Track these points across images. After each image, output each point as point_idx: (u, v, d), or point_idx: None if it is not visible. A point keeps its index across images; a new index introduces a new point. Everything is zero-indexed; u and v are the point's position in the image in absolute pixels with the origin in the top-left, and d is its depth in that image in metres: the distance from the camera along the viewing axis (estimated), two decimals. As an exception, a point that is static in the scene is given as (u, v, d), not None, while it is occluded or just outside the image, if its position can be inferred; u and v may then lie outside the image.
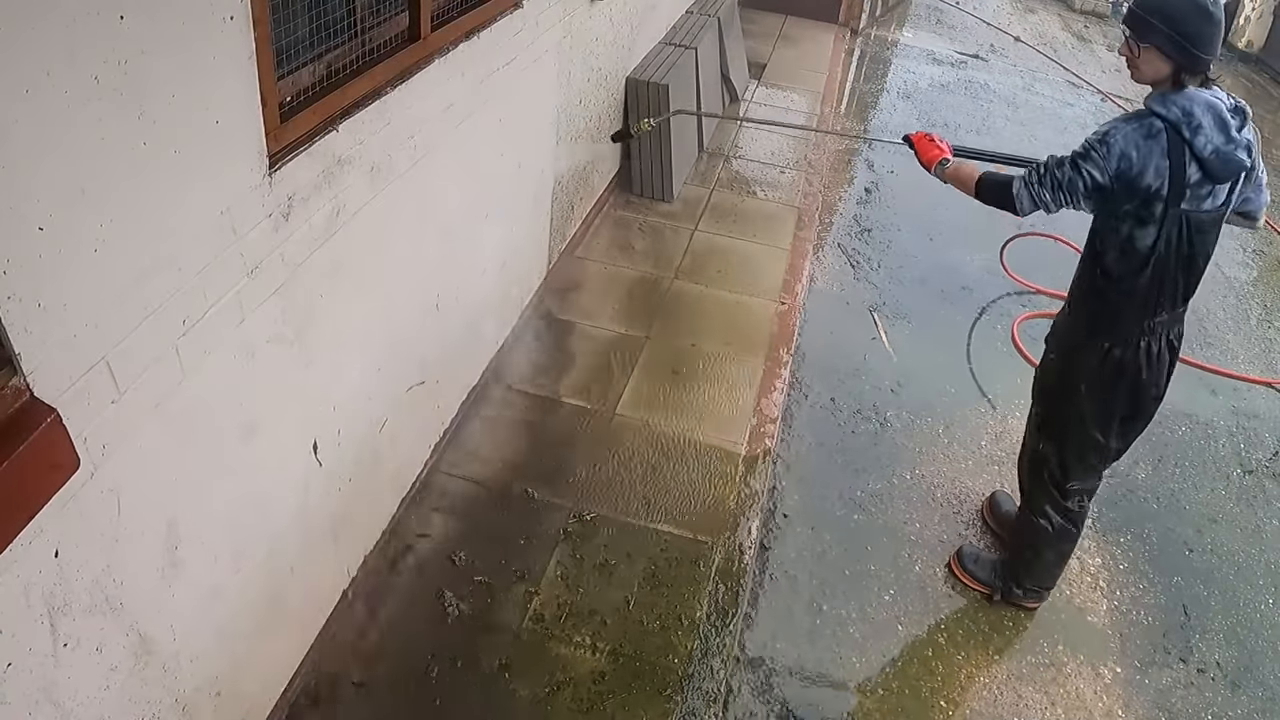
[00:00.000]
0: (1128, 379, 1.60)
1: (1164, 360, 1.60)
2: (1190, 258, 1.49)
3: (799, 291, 2.94)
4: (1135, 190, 1.43)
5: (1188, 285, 1.53)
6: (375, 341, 1.57)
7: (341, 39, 1.32)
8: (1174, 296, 1.54)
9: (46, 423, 0.84)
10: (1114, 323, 1.58)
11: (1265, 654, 2.01)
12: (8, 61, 0.72)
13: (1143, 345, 1.57)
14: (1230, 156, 1.39)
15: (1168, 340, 1.59)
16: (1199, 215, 1.45)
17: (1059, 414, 1.73)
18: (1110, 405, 1.64)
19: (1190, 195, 1.42)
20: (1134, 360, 1.58)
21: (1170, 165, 1.39)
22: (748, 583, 1.92)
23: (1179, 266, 1.50)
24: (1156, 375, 1.61)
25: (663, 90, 3.13)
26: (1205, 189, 1.43)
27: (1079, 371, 1.64)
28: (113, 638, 1.01)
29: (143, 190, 0.92)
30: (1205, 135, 1.38)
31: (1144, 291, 1.52)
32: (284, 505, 1.37)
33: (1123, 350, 1.58)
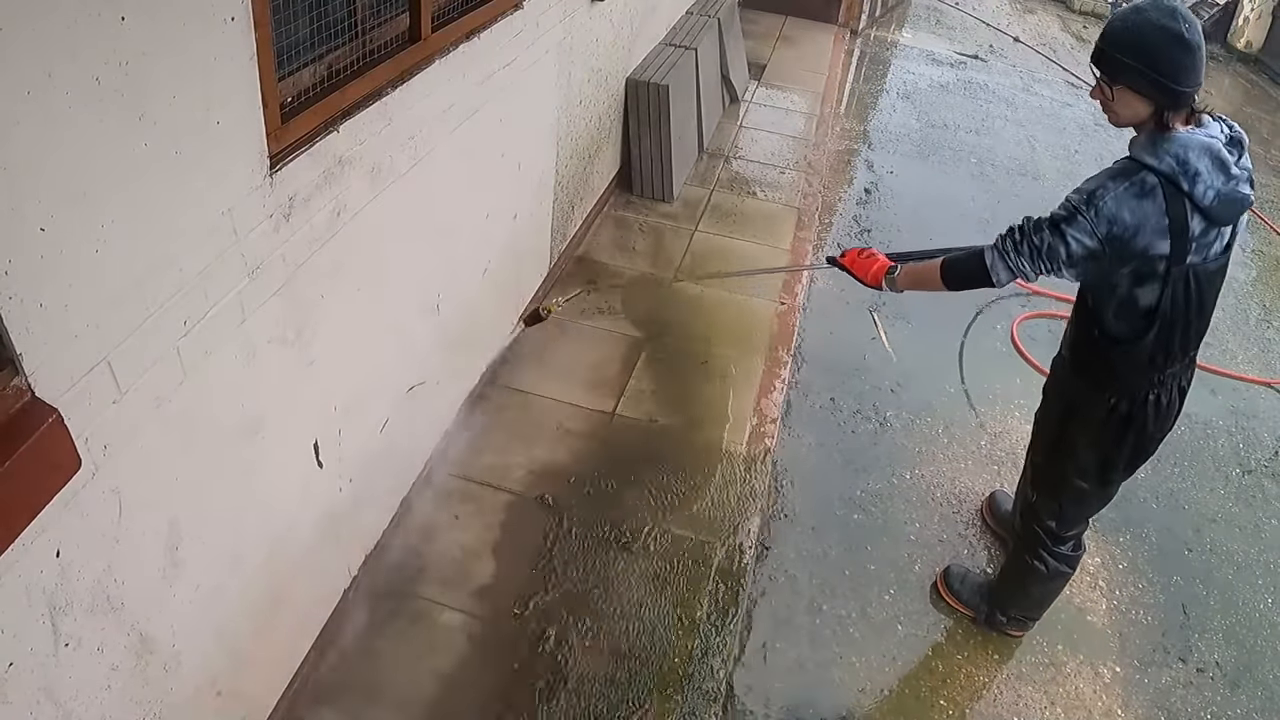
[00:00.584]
0: (1134, 432, 1.49)
1: (1173, 409, 1.49)
2: (1200, 308, 1.36)
3: (799, 292, 2.94)
4: (1131, 254, 1.28)
5: (1199, 333, 1.41)
6: (376, 342, 1.58)
7: (342, 40, 1.32)
8: (1185, 347, 1.41)
9: (48, 423, 0.84)
10: (1119, 379, 1.46)
11: (1264, 654, 2.02)
12: (9, 62, 0.73)
13: (1151, 398, 1.45)
14: (1233, 196, 1.26)
15: (1178, 388, 1.47)
16: (1206, 265, 1.31)
17: (1058, 468, 1.60)
18: (1114, 459, 1.53)
19: (1196, 248, 1.28)
20: (1141, 413, 1.46)
21: (1170, 222, 1.25)
22: (748, 582, 1.93)
23: (1187, 321, 1.36)
24: (1164, 423, 1.50)
25: (663, 91, 3.14)
26: (1210, 235, 1.29)
27: (1080, 424, 1.53)
28: (114, 637, 1.01)
29: (144, 191, 0.92)
30: (1204, 182, 1.23)
31: (1150, 350, 1.38)
32: (285, 505, 1.37)
33: (1130, 405, 1.46)
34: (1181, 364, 1.45)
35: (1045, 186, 4.33)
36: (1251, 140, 3.70)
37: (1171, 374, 1.44)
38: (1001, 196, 4.14)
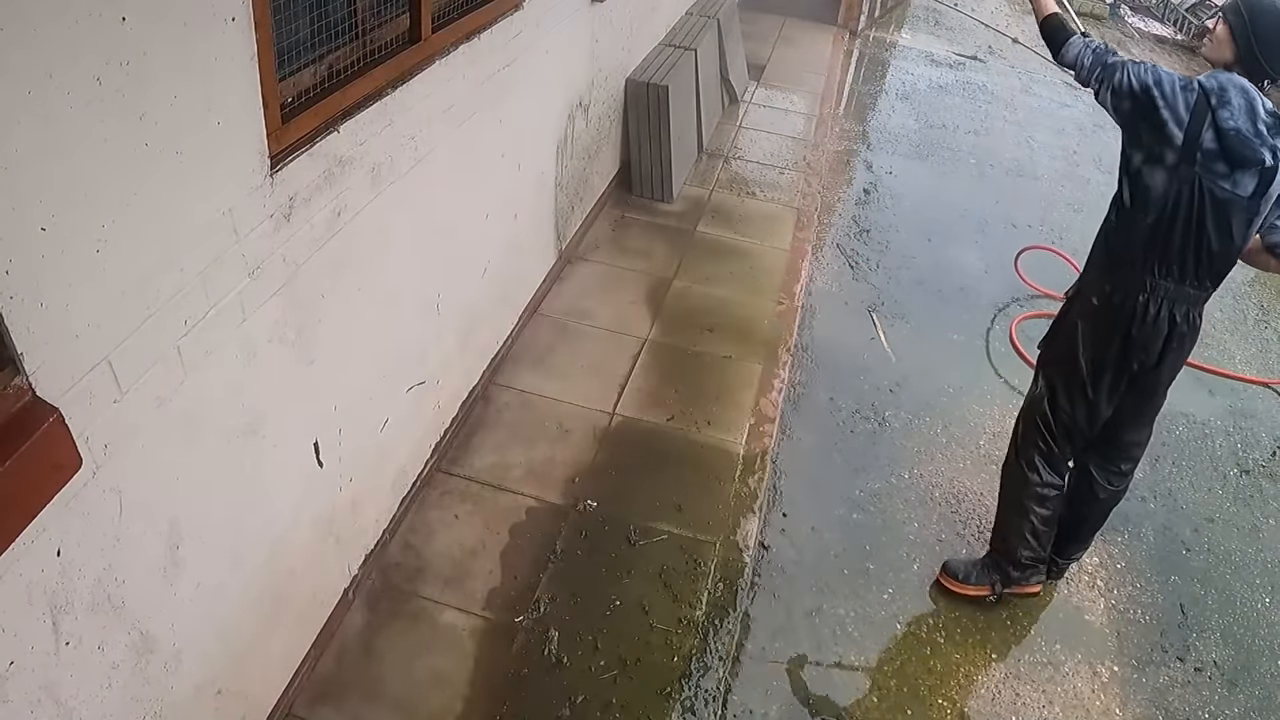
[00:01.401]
0: (1120, 328, 1.64)
1: (1160, 328, 1.61)
2: (1199, 227, 1.52)
3: (798, 292, 2.95)
4: (1153, 120, 1.50)
5: (1196, 260, 1.55)
6: (376, 341, 1.58)
7: (343, 40, 1.33)
8: (1181, 264, 1.56)
9: (49, 422, 0.84)
10: (1118, 266, 1.63)
11: (1262, 653, 2.02)
12: (10, 62, 0.73)
13: (1141, 300, 1.60)
14: (1249, 142, 1.44)
15: (1170, 312, 1.60)
16: (1214, 189, 1.49)
17: (1057, 350, 1.77)
18: (1102, 351, 1.67)
19: (1204, 162, 1.47)
20: (1130, 311, 1.62)
21: (1190, 121, 1.47)
22: (747, 582, 1.93)
23: (1186, 232, 1.53)
24: (1149, 339, 1.63)
25: (662, 91, 3.14)
26: (1221, 167, 1.47)
27: (1081, 308, 1.71)
28: (114, 636, 1.01)
29: (144, 191, 0.93)
30: (1230, 111, 1.45)
31: (1146, 239, 1.57)
32: (285, 505, 1.37)
33: (1122, 298, 1.62)
34: (1175, 283, 1.59)
35: (1044, 187, 4.34)
36: None
37: (1164, 288, 1.59)
38: (1000, 197, 4.14)
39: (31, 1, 0.74)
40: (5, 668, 0.86)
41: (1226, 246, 1.54)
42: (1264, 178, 1.48)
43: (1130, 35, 8.35)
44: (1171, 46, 8.20)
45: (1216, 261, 1.57)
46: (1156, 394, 1.75)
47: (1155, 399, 1.77)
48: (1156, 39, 8.40)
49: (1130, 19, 8.93)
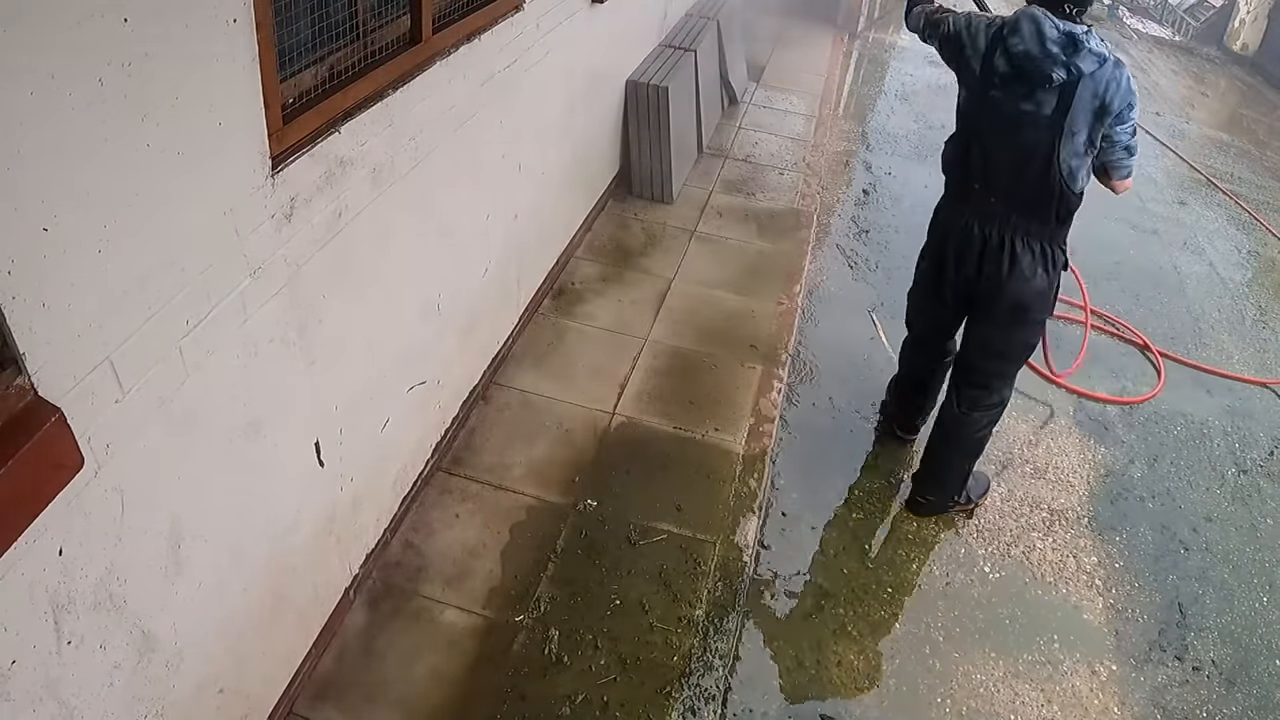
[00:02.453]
0: (936, 235, 1.97)
1: (971, 243, 1.84)
2: (1006, 146, 1.73)
3: (798, 292, 2.95)
4: (960, 59, 1.78)
5: (1004, 183, 1.76)
6: (377, 342, 1.58)
7: (343, 41, 1.33)
8: (980, 178, 1.80)
9: (51, 422, 0.84)
10: (947, 186, 1.95)
11: (1260, 652, 2.03)
12: (12, 63, 0.73)
13: (956, 212, 1.89)
14: (1037, 61, 1.63)
15: (981, 229, 1.82)
16: (1014, 110, 1.70)
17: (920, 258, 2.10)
18: (939, 258, 1.96)
19: (1002, 85, 1.70)
20: (946, 221, 1.92)
21: (985, 51, 1.72)
22: (747, 581, 1.93)
23: (981, 150, 1.78)
24: (959, 250, 1.87)
25: (663, 92, 3.15)
26: (1020, 88, 1.68)
27: (931, 221, 2.03)
28: (116, 635, 1.01)
29: (146, 192, 0.93)
30: (1020, 38, 1.65)
31: (955, 158, 1.86)
32: (286, 504, 1.37)
33: (946, 213, 1.94)
34: (982, 202, 1.81)
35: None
36: (1247, 142, 3.79)
37: (972, 204, 1.84)
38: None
39: (33, 3, 0.74)
40: (7, 666, 0.86)
41: (1039, 167, 1.70)
42: (1064, 96, 1.63)
43: (1129, 36, 8.36)
44: (1170, 47, 8.22)
45: (1030, 182, 1.72)
46: (996, 323, 1.90)
47: (996, 328, 1.91)
48: (1155, 40, 8.41)
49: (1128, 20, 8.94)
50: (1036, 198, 1.72)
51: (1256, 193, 4.84)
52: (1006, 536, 2.24)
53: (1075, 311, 3.14)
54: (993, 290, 1.84)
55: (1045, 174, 1.69)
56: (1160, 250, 3.91)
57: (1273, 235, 4.27)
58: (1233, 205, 4.54)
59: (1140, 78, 6.99)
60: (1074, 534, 2.28)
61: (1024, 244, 1.78)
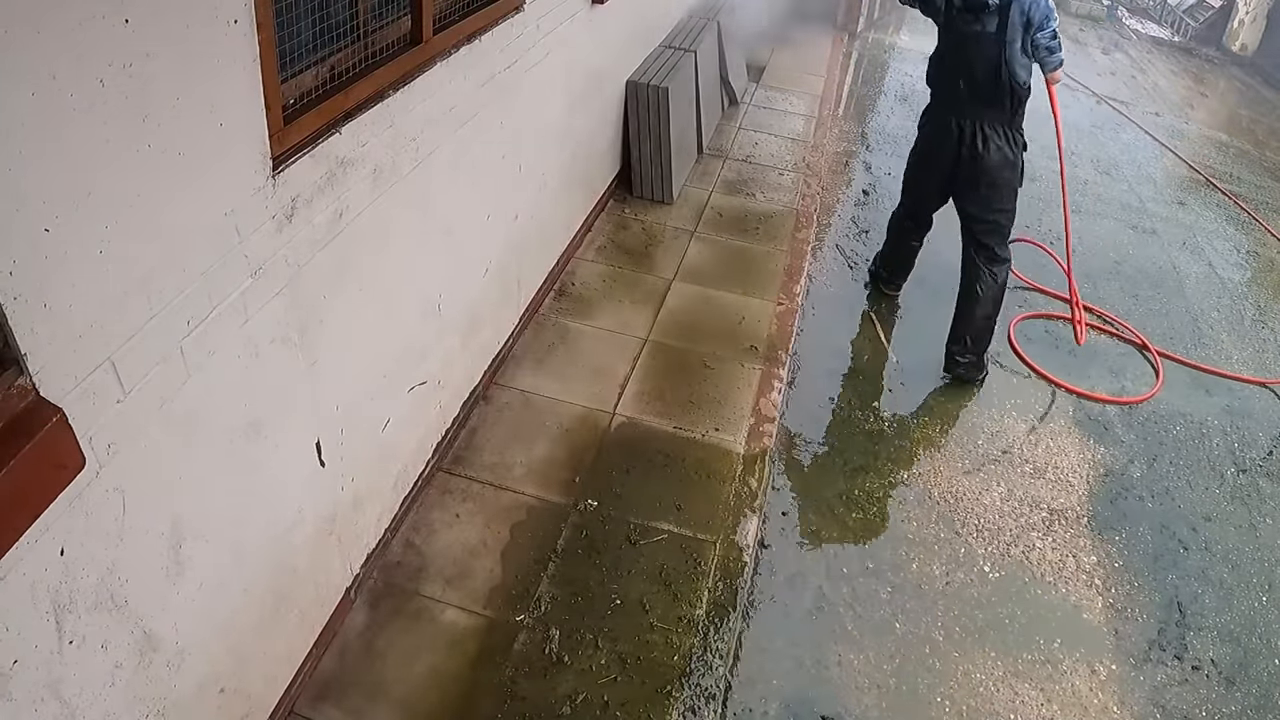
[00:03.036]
0: (926, 131, 2.68)
1: (951, 132, 2.53)
2: (965, 64, 2.43)
3: (797, 292, 2.96)
4: (933, 4, 2.43)
5: (970, 86, 2.44)
6: (378, 342, 1.58)
7: (344, 42, 1.33)
8: (953, 85, 2.49)
9: (52, 422, 0.84)
10: (933, 94, 2.64)
11: (1259, 651, 2.03)
12: (14, 64, 0.73)
13: (939, 113, 2.59)
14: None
15: (958, 122, 2.51)
16: (969, 32, 2.38)
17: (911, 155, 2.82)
18: (923, 143, 2.69)
19: (958, 14, 2.38)
20: (932, 120, 2.64)
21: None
22: (747, 580, 1.93)
23: (957, 66, 2.46)
24: (943, 139, 2.57)
25: (663, 93, 3.15)
26: (969, 17, 2.36)
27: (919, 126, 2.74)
28: (117, 635, 1.02)
29: (147, 192, 0.93)
30: None
31: (935, 74, 2.58)
32: (287, 504, 1.37)
33: (931, 115, 2.64)
34: (954, 108, 2.53)
35: (1040, 187, 4.35)
36: (1246, 143, 3.83)
37: (949, 111, 2.55)
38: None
39: (35, 4, 0.74)
40: (9, 666, 0.86)
41: (992, 70, 2.37)
42: (1001, 16, 2.30)
43: (1127, 37, 8.37)
44: (1169, 48, 8.23)
45: (987, 82, 2.39)
46: (981, 188, 2.54)
47: (983, 191, 2.54)
48: (1154, 40, 8.42)
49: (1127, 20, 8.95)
50: (994, 93, 2.40)
51: (1255, 193, 4.85)
52: (1006, 536, 2.24)
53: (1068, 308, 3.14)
54: (973, 165, 2.50)
55: (997, 75, 2.36)
56: (1159, 250, 3.92)
57: (1271, 235, 4.27)
58: (1231, 205, 4.54)
59: (1140, 78, 7.00)
60: (1073, 533, 2.28)
61: (991, 128, 2.46)
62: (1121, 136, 5.38)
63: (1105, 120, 5.64)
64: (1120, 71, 7.05)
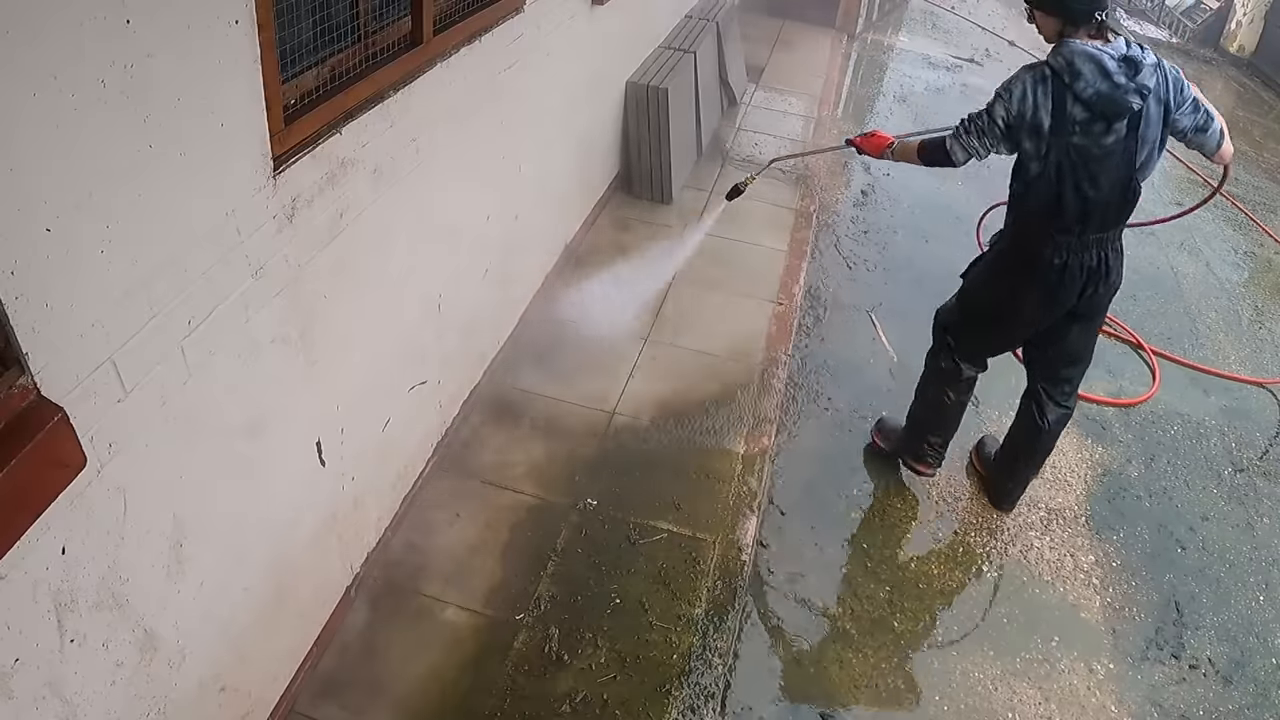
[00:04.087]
0: (1036, 285, 1.86)
1: (1074, 280, 1.83)
2: (1091, 181, 1.71)
3: (796, 293, 2.96)
4: (1030, 125, 1.70)
5: (1097, 211, 1.75)
6: (378, 341, 1.59)
7: (345, 43, 1.33)
8: (1081, 220, 1.76)
9: (53, 421, 0.85)
10: (1023, 234, 1.87)
11: (1256, 650, 2.04)
12: (15, 64, 0.74)
13: (1055, 260, 1.81)
14: (1110, 96, 1.63)
15: (1080, 262, 1.81)
16: (1090, 147, 1.69)
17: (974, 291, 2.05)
18: (1017, 306, 1.92)
19: (1079, 130, 1.67)
20: (1044, 269, 1.83)
21: (1053, 105, 1.67)
22: (746, 580, 1.94)
23: (1075, 191, 1.73)
24: (1056, 287, 1.84)
25: (662, 94, 3.15)
26: (1098, 126, 1.67)
27: (999, 268, 1.95)
28: (119, 634, 1.02)
29: (148, 192, 0.94)
30: (1085, 81, 1.62)
31: (1039, 205, 1.78)
32: (288, 503, 1.38)
33: (1034, 258, 1.83)
34: (1078, 238, 1.79)
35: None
36: (1243, 143, 3.79)
37: (1067, 243, 1.79)
38: (996, 198, 4.16)
39: (36, 4, 0.74)
40: (10, 664, 0.87)
41: (1124, 185, 1.73)
42: (1133, 116, 1.66)
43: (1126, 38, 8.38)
44: (1167, 49, 8.24)
45: (1118, 202, 1.75)
46: (1090, 329, 1.97)
47: (1089, 334, 1.98)
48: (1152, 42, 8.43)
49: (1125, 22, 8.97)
50: (1122, 212, 1.79)
51: (1253, 194, 4.86)
52: (1004, 535, 2.25)
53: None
54: (1095, 304, 1.89)
55: (1128, 188, 1.74)
56: (1157, 251, 3.93)
57: (1269, 236, 4.29)
58: (1229, 206, 4.55)
59: (1138, 79, 7.00)
60: (1071, 533, 2.29)
61: (1114, 252, 1.85)
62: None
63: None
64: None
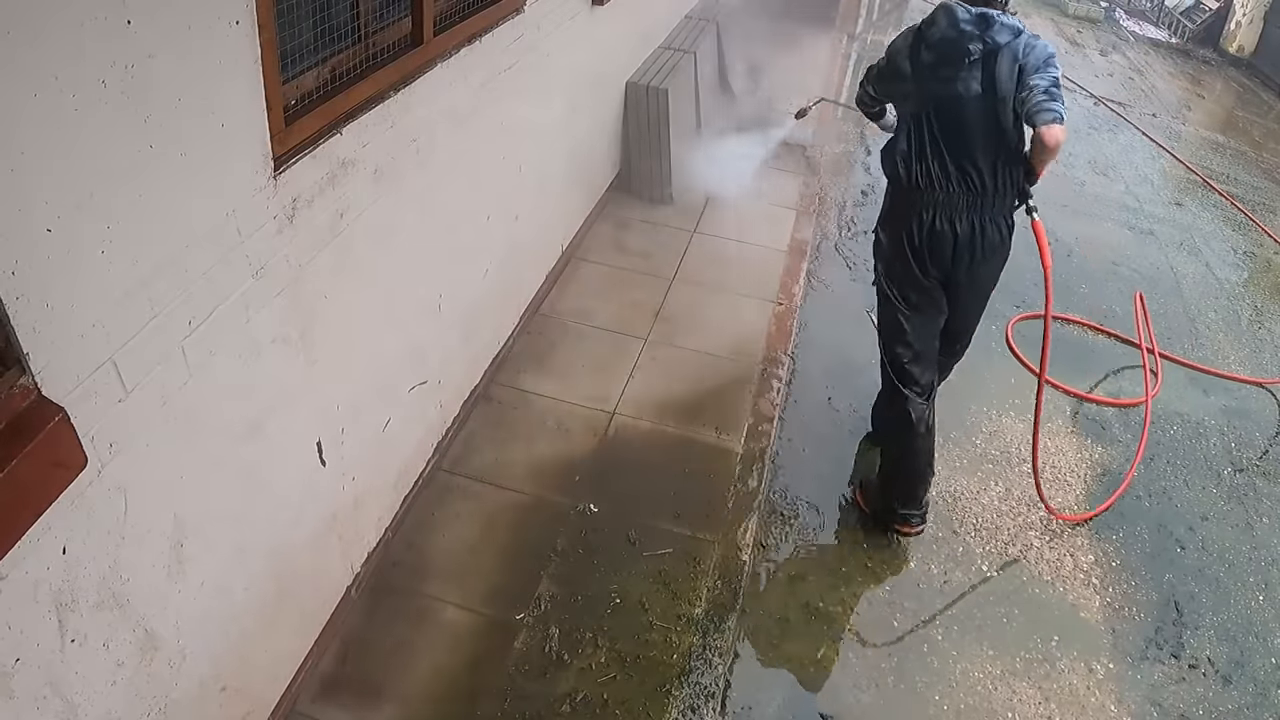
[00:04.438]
0: (908, 241, 1.87)
1: (944, 237, 1.83)
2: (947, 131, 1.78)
3: (796, 292, 2.96)
4: (895, 69, 1.84)
5: (956, 162, 1.79)
6: (378, 341, 1.59)
7: (345, 43, 1.34)
8: (941, 171, 1.80)
9: (54, 421, 0.85)
10: (896, 188, 1.91)
11: (1256, 650, 2.04)
12: (16, 65, 0.74)
13: (926, 217, 1.84)
14: (954, 41, 1.73)
15: (948, 219, 1.82)
16: (943, 94, 1.77)
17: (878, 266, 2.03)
18: (903, 266, 1.90)
19: (929, 74, 1.77)
20: (914, 231, 1.86)
21: (910, 51, 1.81)
22: (746, 579, 1.94)
23: (935, 140, 1.80)
24: (935, 245, 1.85)
25: (662, 94, 3.15)
26: (945, 71, 1.75)
27: (883, 228, 2.00)
28: (119, 634, 1.02)
29: (149, 193, 0.94)
30: (937, 28, 1.77)
31: (905, 158, 1.85)
32: (288, 503, 1.38)
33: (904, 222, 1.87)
34: (945, 195, 1.81)
35: (1038, 189, 4.36)
36: (1243, 143, 3.80)
37: (934, 200, 1.82)
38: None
39: (37, 5, 0.74)
40: (11, 664, 0.87)
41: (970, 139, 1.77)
42: (986, 70, 1.72)
43: (1125, 39, 8.40)
44: (1167, 50, 8.25)
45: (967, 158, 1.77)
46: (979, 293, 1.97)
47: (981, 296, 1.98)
48: (1151, 42, 8.44)
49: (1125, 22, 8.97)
50: (997, 179, 1.80)
51: (1252, 194, 4.86)
52: (1004, 535, 2.25)
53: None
54: (974, 277, 1.90)
55: (999, 150, 1.78)
56: (1157, 251, 3.93)
57: (1268, 236, 4.29)
58: (1228, 206, 4.56)
59: (1137, 80, 7.02)
60: (1071, 533, 2.29)
61: (993, 225, 1.84)
62: (1119, 138, 5.40)
63: (1103, 122, 5.66)
64: (1118, 73, 7.07)
